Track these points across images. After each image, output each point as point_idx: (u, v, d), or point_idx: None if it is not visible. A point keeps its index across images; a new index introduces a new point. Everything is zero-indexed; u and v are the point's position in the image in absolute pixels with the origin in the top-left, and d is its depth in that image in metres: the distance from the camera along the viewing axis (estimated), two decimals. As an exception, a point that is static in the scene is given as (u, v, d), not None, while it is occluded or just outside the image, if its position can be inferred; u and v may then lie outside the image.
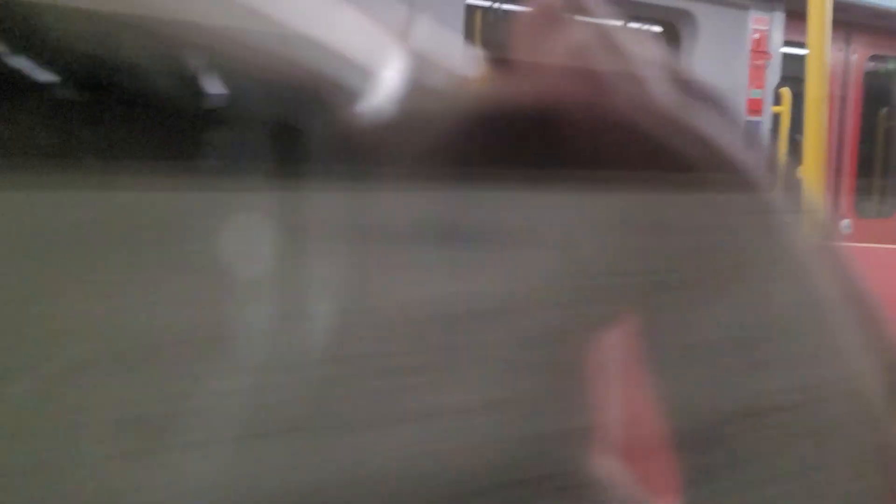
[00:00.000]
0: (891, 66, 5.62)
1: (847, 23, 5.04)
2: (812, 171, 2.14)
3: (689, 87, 0.25)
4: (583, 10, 0.25)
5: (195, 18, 0.23)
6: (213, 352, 0.23)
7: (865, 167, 5.49)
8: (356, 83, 0.25)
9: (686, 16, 4.40)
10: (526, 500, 0.24)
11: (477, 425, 0.24)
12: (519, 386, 0.24)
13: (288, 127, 0.24)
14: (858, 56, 5.36)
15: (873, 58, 5.49)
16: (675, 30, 4.47)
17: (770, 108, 4.58)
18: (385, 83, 0.26)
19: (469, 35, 3.78)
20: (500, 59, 0.26)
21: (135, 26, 0.22)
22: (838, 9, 2.59)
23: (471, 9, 3.80)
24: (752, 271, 0.23)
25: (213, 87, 0.24)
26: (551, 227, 0.24)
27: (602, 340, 0.26)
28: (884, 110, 5.61)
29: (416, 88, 0.26)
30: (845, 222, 5.27)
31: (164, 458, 0.22)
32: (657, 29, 4.46)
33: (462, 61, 0.27)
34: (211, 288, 0.23)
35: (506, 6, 3.93)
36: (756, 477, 0.23)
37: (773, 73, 4.60)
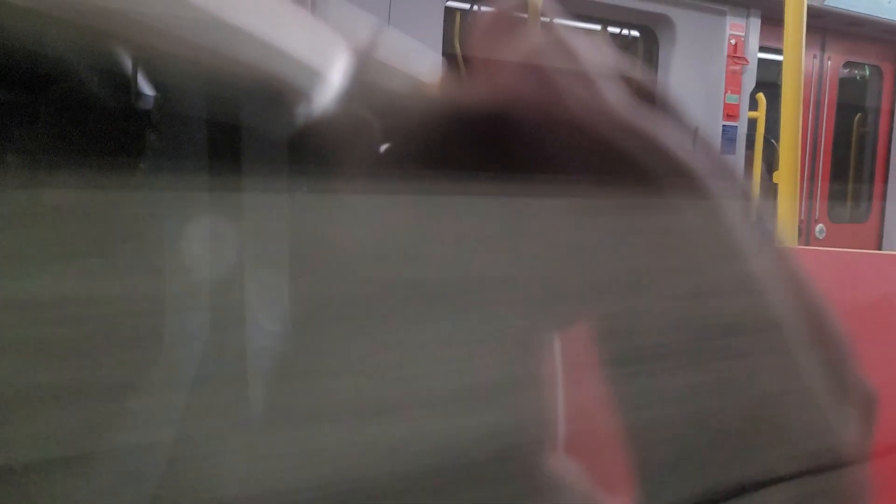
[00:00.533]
0: (864, 72, 5.70)
1: (822, 29, 5.11)
2: (787, 176, 2.16)
3: (644, 93, 0.25)
4: (540, 14, 0.25)
5: (135, 14, 0.22)
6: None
7: (839, 172, 5.56)
8: (304, 84, 0.25)
9: (664, 20, 4.44)
10: (481, 500, 0.24)
11: (432, 423, 0.24)
12: (474, 384, 0.24)
13: (232, 126, 0.24)
14: (833, 62, 5.43)
15: (847, 64, 5.56)
16: (653, 34, 4.50)
17: (746, 113, 4.63)
18: (334, 84, 0.25)
19: (448, 37, 3.79)
20: (459, 62, 0.26)
21: (70, 21, 0.21)
22: (814, 15, 2.62)
23: (450, 11, 3.81)
24: (704, 278, 0.23)
25: (153, 85, 0.24)
26: (502, 229, 0.24)
27: (558, 342, 0.26)
28: (857, 116, 5.69)
29: (368, 90, 0.25)
30: (819, 227, 5.34)
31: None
32: (635, 33, 4.49)
33: (421, 64, 0.27)
34: (147, 288, 0.23)
35: (486, 8, 3.94)
36: (708, 479, 0.23)
37: (750, 79, 4.65)
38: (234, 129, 0.24)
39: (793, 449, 0.23)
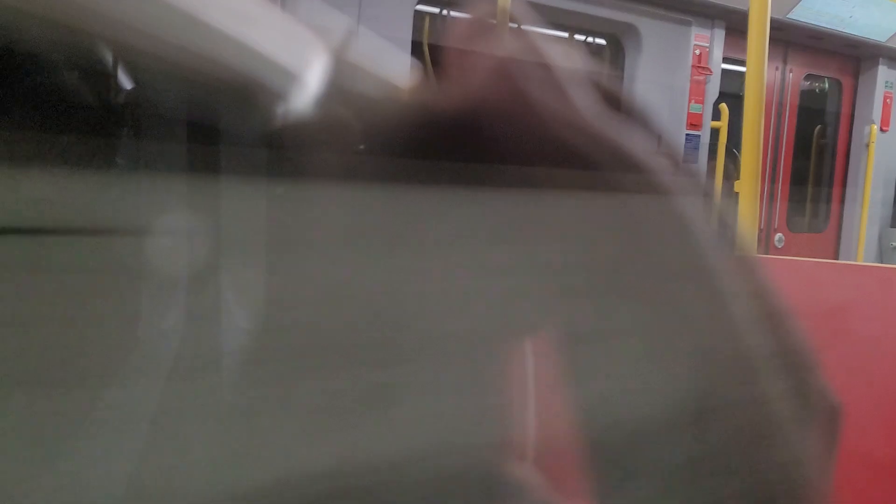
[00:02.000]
0: (824, 85, 5.80)
1: (785, 42, 5.19)
2: (748, 186, 2.19)
3: (613, 99, 0.25)
4: (513, 21, 0.25)
5: (112, 12, 0.22)
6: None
7: (799, 183, 5.65)
8: (280, 85, 0.25)
9: (630, 29, 4.48)
10: None
11: (394, 429, 0.24)
12: (436, 391, 0.24)
13: (207, 125, 0.24)
14: (794, 74, 5.52)
15: (808, 77, 5.66)
16: (619, 43, 4.54)
17: (709, 123, 4.68)
18: (310, 87, 0.25)
19: (417, 41, 3.78)
20: (433, 67, 0.26)
21: (50, 19, 0.21)
22: (776, 28, 2.66)
23: (419, 15, 3.81)
24: (666, 282, 0.23)
25: (130, 83, 0.24)
26: (469, 232, 0.24)
27: (519, 348, 0.27)
28: (817, 128, 5.79)
29: (342, 93, 0.25)
30: (778, 236, 5.41)
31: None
32: (602, 42, 4.53)
33: (395, 68, 0.27)
34: (118, 288, 0.23)
35: (454, 13, 3.95)
36: (665, 485, 0.23)
37: (713, 89, 4.71)
38: (208, 129, 0.24)
39: (755, 466, 0.23)
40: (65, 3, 0.21)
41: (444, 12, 3.94)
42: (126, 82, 0.24)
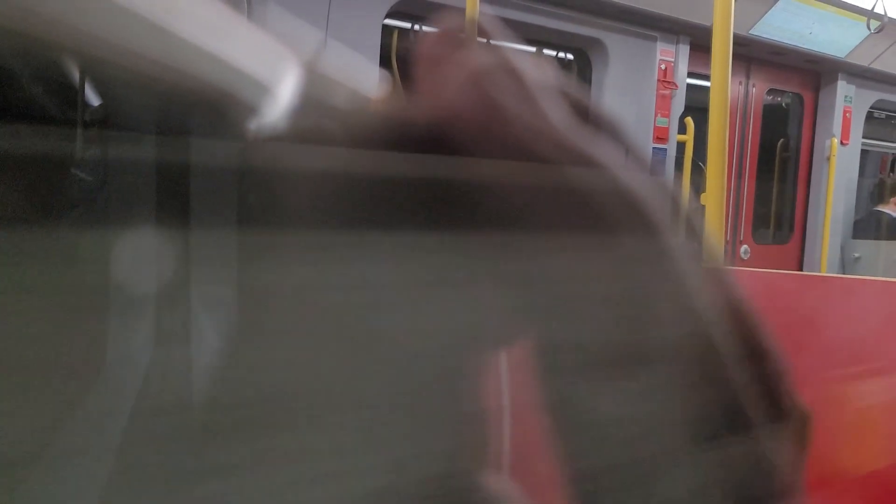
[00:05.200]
0: (787, 99, 5.90)
1: (748, 57, 5.28)
2: (714, 198, 2.21)
3: (587, 115, 0.25)
4: (484, 35, 0.25)
5: (78, 24, 0.22)
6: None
7: (763, 195, 5.73)
8: (251, 98, 0.25)
9: (597, 44, 4.52)
10: None
11: (368, 442, 0.24)
12: (410, 405, 0.24)
13: (177, 140, 0.24)
14: (757, 89, 5.61)
15: (771, 91, 5.76)
16: (586, 57, 4.58)
17: (675, 136, 4.74)
18: (281, 100, 0.25)
19: (385, 55, 3.79)
20: (403, 81, 0.26)
21: (13, 30, 0.21)
22: (739, 44, 2.70)
23: (387, 29, 3.81)
24: (640, 297, 0.23)
25: (97, 97, 0.24)
26: (444, 252, 0.24)
27: (494, 361, 0.27)
28: (780, 142, 5.88)
29: (314, 106, 0.25)
30: (744, 248, 5.48)
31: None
32: (569, 56, 4.57)
33: (365, 82, 0.27)
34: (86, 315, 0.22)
35: (423, 27, 3.96)
36: (640, 497, 0.23)
37: (679, 103, 4.77)
38: (179, 143, 0.24)
39: (730, 473, 0.23)
40: (28, 14, 0.21)
41: (413, 27, 3.95)
42: (93, 98, 0.24)
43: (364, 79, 0.28)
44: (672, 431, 0.23)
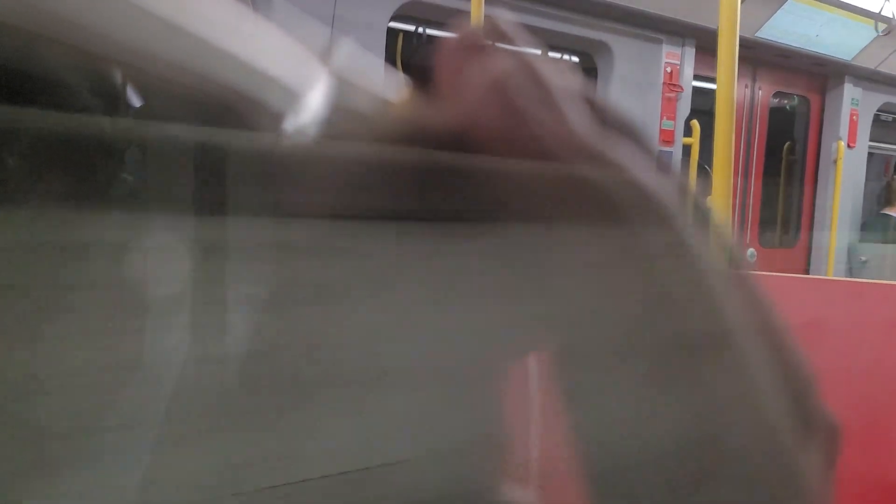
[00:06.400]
0: (793, 102, 5.89)
1: (754, 60, 5.27)
2: (720, 201, 2.21)
3: (608, 118, 0.25)
4: (506, 39, 0.25)
5: (110, 31, 0.22)
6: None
7: (769, 199, 5.71)
8: (280, 104, 0.25)
9: (602, 47, 4.52)
10: None
11: (386, 451, 0.24)
12: (428, 414, 0.24)
13: (207, 146, 0.24)
14: (764, 92, 5.60)
15: (777, 94, 5.74)
16: (591, 60, 4.58)
17: (681, 139, 4.73)
18: (309, 105, 0.25)
19: (390, 59, 3.79)
20: (422, 84, 0.26)
21: (50, 39, 0.21)
22: (746, 46, 2.68)
23: (392, 32, 3.81)
24: (665, 301, 0.23)
25: (129, 102, 0.24)
26: (464, 257, 0.24)
27: (515, 371, 0.26)
28: (787, 145, 5.86)
29: (340, 111, 0.25)
30: (750, 251, 5.47)
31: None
32: (574, 59, 4.56)
33: (384, 85, 0.27)
34: (123, 314, 0.23)
35: (427, 31, 3.96)
36: None
37: (684, 106, 4.76)
38: (213, 147, 0.24)
39: (757, 487, 0.22)
40: (79, 29, 0.21)
41: (418, 30, 3.95)
42: (134, 101, 0.24)
43: (383, 81, 0.28)
44: (698, 440, 0.23)
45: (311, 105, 0.25)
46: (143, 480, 0.22)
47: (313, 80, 0.26)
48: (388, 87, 0.27)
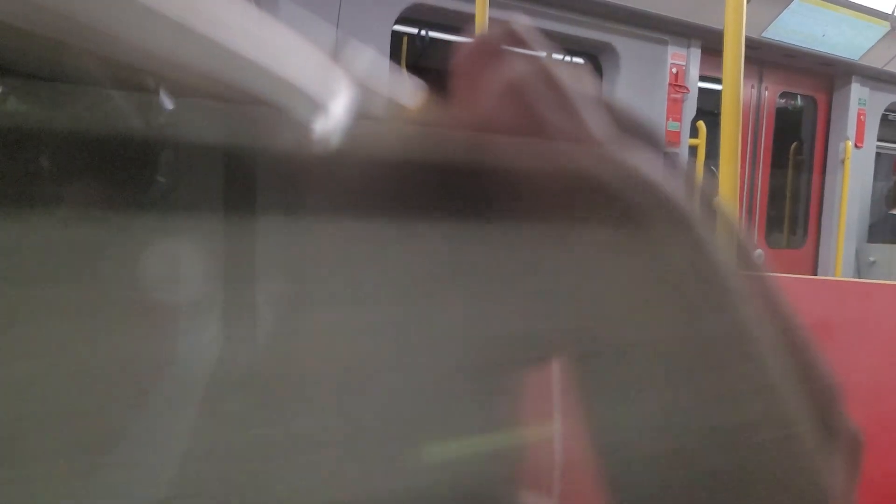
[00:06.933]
0: (800, 102, 5.87)
1: (760, 60, 5.26)
2: (727, 203, 2.20)
3: (624, 122, 0.25)
4: (523, 44, 0.25)
5: (137, 40, 0.22)
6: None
7: (777, 199, 5.70)
8: (305, 111, 0.25)
9: (608, 48, 4.52)
10: None
11: (402, 459, 0.24)
12: (444, 420, 0.24)
13: (232, 153, 0.24)
14: (770, 92, 5.59)
15: (784, 94, 5.73)
16: (597, 62, 4.58)
17: (687, 140, 4.72)
18: (333, 112, 0.25)
19: (395, 61, 3.79)
20: (438, 89, 0.26)
21: (77, 48, 0.21)
22: (752, 47, 2.68)
23: (397, 35, 3.82)
24: (686, 304, 0.23)
25: (156, 110, 0.24)
26: (483, 262, 0.24)
27: (533, 377, 0.26)
28: (793, 145, 5.85)
29: (361, 117, 0.26)
30: (758, 252, 5.44)
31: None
32: (579, 61, 4.56)
33: (400, 90, 0.27)
34: (146, 317, 0.23)
35: (432, 34, 3.96)
36: None
37: (690, 107, 4.76)
38: (240, 152, 0.24)
39: (781, 493, 0.22)
40: (107, 38, 0.21)
41: (423, 33, 3.95)
42: (153, 110, 0.24)
43: (396, 86, 0.28)
44: (720, 445, 0.22)
45: (334, 111, 0.25)
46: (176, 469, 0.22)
47: (337, 87, 0.26)
48: (405, 91, 0.27)
